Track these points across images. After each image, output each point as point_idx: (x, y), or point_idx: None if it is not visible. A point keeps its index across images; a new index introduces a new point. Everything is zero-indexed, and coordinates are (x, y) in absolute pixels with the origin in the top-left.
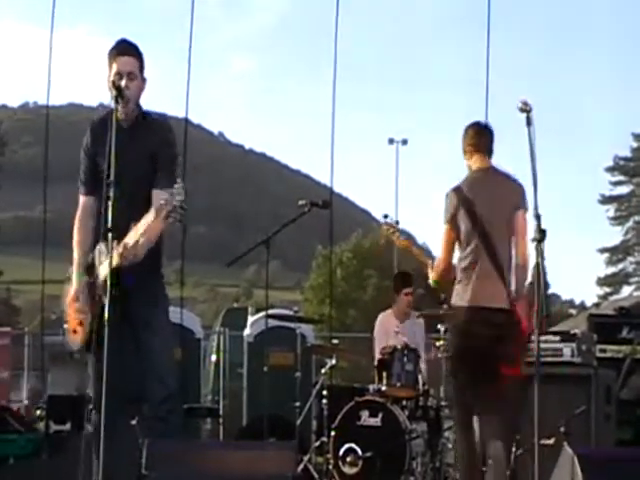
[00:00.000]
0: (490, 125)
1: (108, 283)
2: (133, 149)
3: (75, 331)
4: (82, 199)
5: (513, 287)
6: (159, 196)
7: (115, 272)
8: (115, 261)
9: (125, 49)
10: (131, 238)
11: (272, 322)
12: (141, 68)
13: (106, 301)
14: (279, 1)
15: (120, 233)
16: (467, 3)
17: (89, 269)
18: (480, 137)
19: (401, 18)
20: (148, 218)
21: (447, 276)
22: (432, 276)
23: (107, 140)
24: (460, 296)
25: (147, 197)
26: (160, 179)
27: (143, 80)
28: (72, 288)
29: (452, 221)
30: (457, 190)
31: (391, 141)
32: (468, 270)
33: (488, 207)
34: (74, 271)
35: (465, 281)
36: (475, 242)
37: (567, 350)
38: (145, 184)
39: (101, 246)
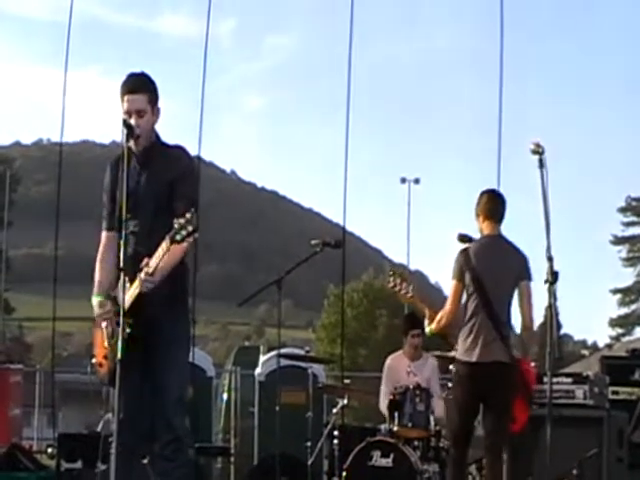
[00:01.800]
0: (503, 194)
1: (121, 322)
2: (150, 181)
3: (101, 365)
4: (103, 235)
5: (515, 344)
6: None
7: (133, 308)
8: (136, 290)
9: (133, 86)
10: (152, 265)
11: (284, 361)
12: (152, 101)
13: (119, 343)
14: (290, 41)
15: (141, 261)
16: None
17: (113, 298)
18: (493, 204)
19: (414, 57)
20: (164, 246)
21: (449, 328)
22: (431, 327)
23: (124, 174)
24: (460, 350)
25: (166, 226)
26: (179, 207)
27: (155, 112)
28: (95, 313)
29: (460, 278)
30: (464, 252)
31: (403, 180)
32: (468, 325)
33: (490, 273)
34: (95, 294)
35: (464, 336)
36: (475, 302)
37: (579, 392)
38: (164, 215)
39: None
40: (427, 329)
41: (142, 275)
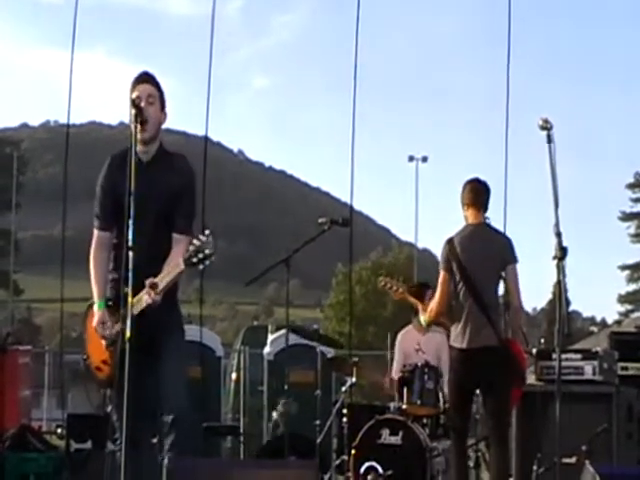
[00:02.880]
0: (487, 183)
1: (127, 334)
2: (153, 186)
3: (99, 369)
4: (96, 233)
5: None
6: (181, 243)
7: (138, 318)
8: (143, 303)
9: (145, 77)
10: (161, 287)
11: (292, 340)
12: (161, 98)
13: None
14: (297, 19)
15: (141, 270)
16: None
17: (112, 306)
18: (477, 193)
19: (422, 35)
20: (177, 269)
21: (441, 317)
22: (425, 317)
23: (126, 175)
24: (454, 338)
25: (168, 234)
26: (180, 223)
27: (163, 111)
28: (94, 318)
29: (447, 268)
30: (449, 242)
31: (411, 158)
32: (459, 313)
33: (475, 261)
34: (96, 300)
35: (457, 324)
36: (463, 289)
37: (589, 368)
38: (165, 221)
39: (126, 290)
40: (422, 320)
41: (150, 300)
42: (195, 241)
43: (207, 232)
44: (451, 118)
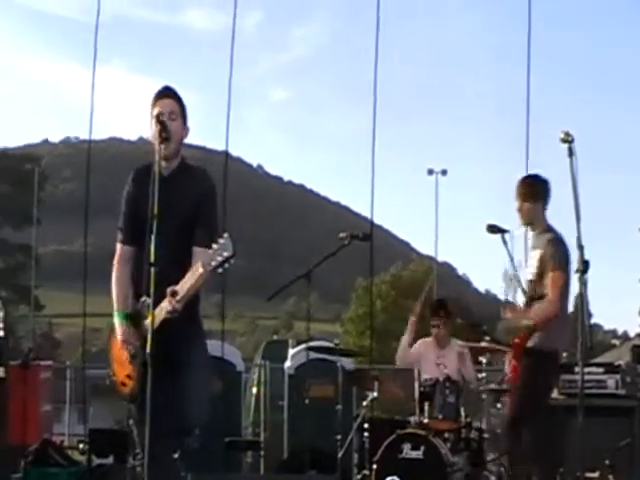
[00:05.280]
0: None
1: (149, 346)
2: (174, 198)
3: (124, 384)
4: (120, 247)
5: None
6: (201, 254)
7: (160, 329)
8: (164, 312)
9: (167, 92)
10: (181, 295)
11: (313, 355)
12: (183, 113)
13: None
14: (316, 32)
15: (163, 283)
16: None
17: (134, 319)
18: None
19: (441, 48)
20: (197, 273)
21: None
22: (533, 320)
23: (149, 188)
24: (559, 339)
25: (189, 247)
26: (201, 236)
27: (185, 126)
28: (117, 334)
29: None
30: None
31: (430, 172)
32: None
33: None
34: (115, 314)
35: (558, 325)
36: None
37: (611, 382)
38: (186, 233)
39: (147, 299)
40: (526, 323)
41: (171, 307)
42: (214, 245)
43: (225, 235)
44: (470, 131)
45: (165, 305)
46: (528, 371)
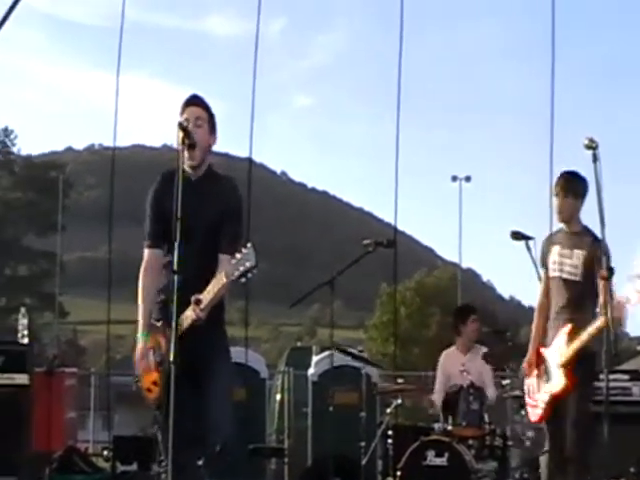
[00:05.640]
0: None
1: (172, 354)
2: (201, 203)
3: (150, 390)
4: (147, 252)
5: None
6: (226, 262)
7: (184, 336)
8: (188, 320)
9: (194, 100)
10: (205, 304)
11: (337, 361)
12: (210, 121)
13: (172, 377)
14: (340, 38)
15: (188, 290)
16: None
17: (160, 327)
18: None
19: (464, 54)
20: (220, 283)
21: None
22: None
23: (175, 195)
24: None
25: (214, 254)
26: (226, 244)
27: (212, 134)
28: (137, 347)
29: None
30: None
31: (454, 178)
32: None
33: None
34: (139, 332)
35: None
36: None
37: (636, 389)
38: (212, 240)
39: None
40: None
41: (195, 315)
42: (237, 254)
43: (248, 245)
44: (495, 137)
45: (190, 313)
46: (590, 373)
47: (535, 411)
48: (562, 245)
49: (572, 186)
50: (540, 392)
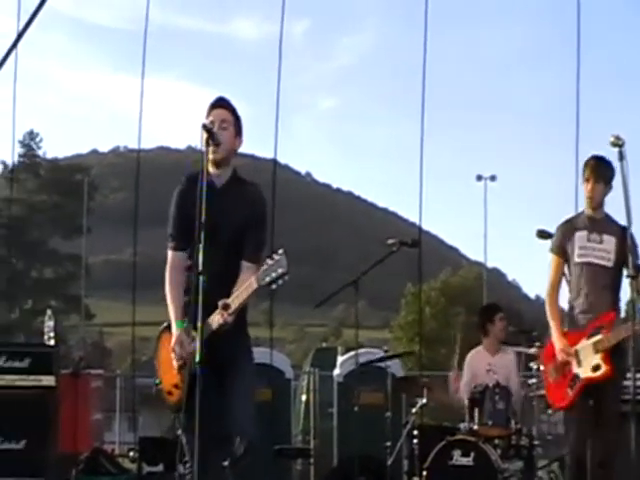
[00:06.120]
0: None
1: (197, 355)
2: (225, 212)
3: (171, 393)
4: (171, 254)
5: None
6: (248, 270)
7: (210, 340)
8: (216, 324)
9: (220, 102)
10: (233, 309)
11: (362, 361)
12: (236, 124)
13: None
14: (365, 40)
15: (212, 294)
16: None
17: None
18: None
19: (489, 53)
20: (251, 288)
21: None
22: None
23: (199, 195)
24: None
25: (238, 260)
26: (250, 251)
27: (237, 137)
28: (173, 338)
29: None
30: None
31: (479, 177)
32: None
33: None
34: (173, 320)
35: None
36: None
37: None
38: (236, 246)
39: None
40: None
41: (223, 320)
42: (268, 260)
43: (280, 251)
44: (520, 136)
45: (217, 318)
46: (623, 369)
47: (561, 396)
48: (589, 230)
49: (602, 171)
50: (568, 376)
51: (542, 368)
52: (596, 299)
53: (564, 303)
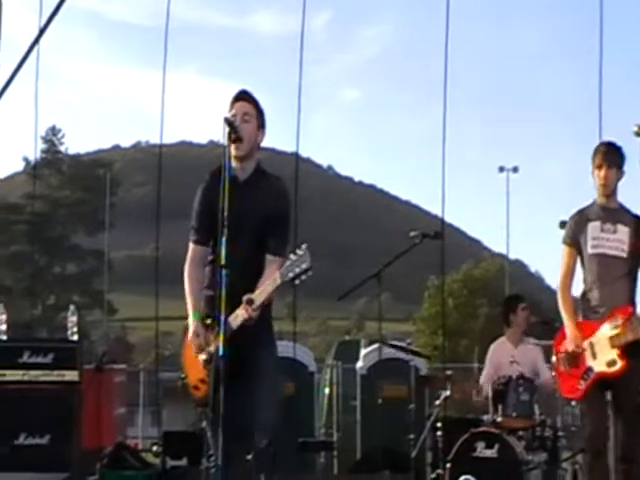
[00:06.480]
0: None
1: (220, 352)
2: (249, 206)
3: (197, 387)
4: (192, 247)
5: None
6: (273, 264)
7: (234, 335)
8: (240, 319)
9: (242, 95)
10: (257, 304)
11: (385, 354)
12: (259, 117)
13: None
14: (387, 31)
15: (235, 288)
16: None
17: (208, 324)
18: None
19: (511, 43)
20: (275, 284)
21: None
22: None
23: (222, 189)
24: None
25: (262, 254)
26: (274, 245)
27: (260, 130)
28: (189, 330)
29: None
30: None
31: (501, 169)
32: None
33: None
34: (190, 312)
35: None
36: None
37: None
38: (260, 241)
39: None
40: None
41: (247, 315)
42: (292, 256)
43: (303, 247)
44: (542, 127)
45: (241, 313)
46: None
47: (574, 387)
48: (602, 220)
49: (614, 157)
50: (581, 367)
51: (553, 358)
52: (611, 291)
53: (577, 295)
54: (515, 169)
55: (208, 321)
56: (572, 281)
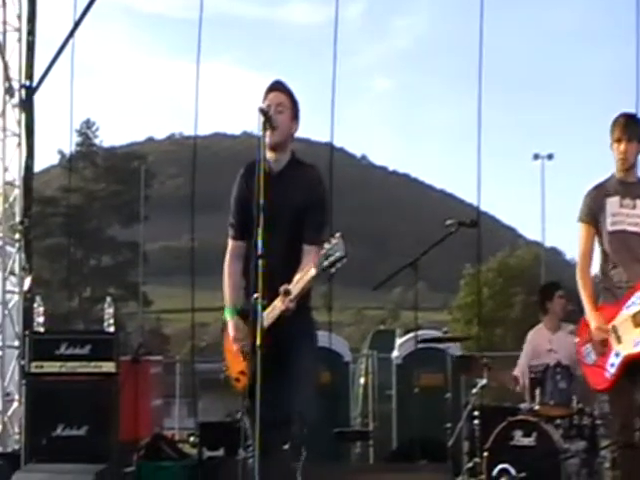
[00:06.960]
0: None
1: (258, 343)
2: (285, 193)
3: (238, 379)
4: (231, 243)
5: None
6: (311, 253)
7: (272, 326)
8: (277, 310)
9: (276, 86)
10: (294, 294)
11: (421, 343)
12: (293, 107)
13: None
14: (420, 21)
15: (274, 280)
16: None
17: (245, 315)
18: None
19: (545, 30)
20: (309, 274)
21: None
22: None
23: (257, 181)
24: None
25: (299, 244)
26: (310, 235)
27: (294, 120)
28: (229, 331)
29: None
30: None
31: (536, 156)
32: None
33: None
34: (227, 308)
35: None
36: None
37: None
38: (297, 232)
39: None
40: None
41: (284, 306)
42: (326, 245)
43: (337, 235)
44: (577, 114)
45: (279, 304)
46: None
47: (601, 377)
48: (622, 195)
49: (634, 129)
50: (608, 355)
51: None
52: (632, 269)
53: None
54: (550, 156)
55: (247, 314)
56: (591, 261)
